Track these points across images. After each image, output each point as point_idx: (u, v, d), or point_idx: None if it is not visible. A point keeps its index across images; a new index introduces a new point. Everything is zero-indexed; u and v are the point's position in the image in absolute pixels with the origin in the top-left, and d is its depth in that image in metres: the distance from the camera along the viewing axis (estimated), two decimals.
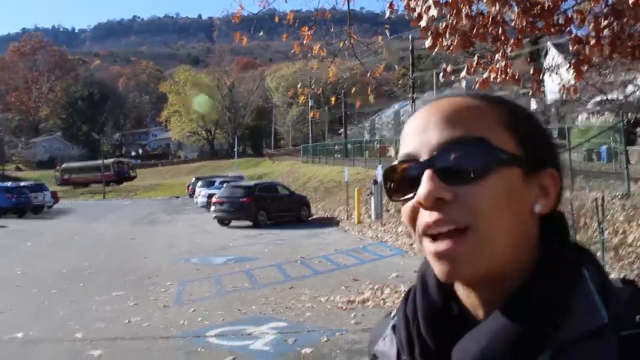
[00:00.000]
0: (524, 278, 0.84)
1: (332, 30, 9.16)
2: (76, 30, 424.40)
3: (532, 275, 0.84)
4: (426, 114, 0.90)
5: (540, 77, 9.64)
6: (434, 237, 0.83)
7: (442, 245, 0.82)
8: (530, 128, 0.91)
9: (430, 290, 0.92)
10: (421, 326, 0.90)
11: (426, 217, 0.83)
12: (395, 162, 0.91)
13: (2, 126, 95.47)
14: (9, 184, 40.79)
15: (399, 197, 0.89)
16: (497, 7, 5.58)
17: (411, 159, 0.88)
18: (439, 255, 0.82)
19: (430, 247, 0.84)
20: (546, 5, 5.56)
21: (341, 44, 9.04)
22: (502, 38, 5.86)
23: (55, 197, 44.83)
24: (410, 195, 0.86)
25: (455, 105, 0.89)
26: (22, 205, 36.14)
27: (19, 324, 9.02)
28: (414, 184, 0.85)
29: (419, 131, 0.89)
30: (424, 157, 0.86)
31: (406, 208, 0.88)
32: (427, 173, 0.83)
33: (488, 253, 0.82)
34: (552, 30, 5.75)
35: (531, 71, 7.29)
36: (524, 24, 5.69)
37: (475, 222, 0.81)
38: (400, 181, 0.89)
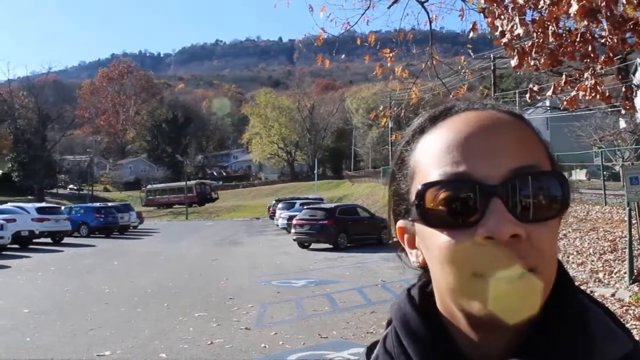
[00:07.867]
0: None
1: (413, 51, 9.09)
2: (161, 55, 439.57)
3: (542, 312, 0.75)
4: (490, 128, 0.76)
5: (634, 94, 9.29)
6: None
7: (518, 285, 0.70)
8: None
9: (415, 328, 0.83)
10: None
11: (495, 255, 0.70)
12: (436, 180, 0.75)
13: (92, 148, 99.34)
14: (97, 204, 42.24)
15: (442, 225, 0.74)
16: (586, 24, 5.39)
17: (467, 179, 0.73)
18: (510, 296, 0.70)
19: (493, 286, 0.70)
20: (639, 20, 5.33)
21: (423, 65, 8.96)
22: (592, 55, 5.65)
23: (140, 217, 46.17)
24: (462, 224, 0.73)
25: (519, 128, 0.78)
26: (110, 225, 37.37)
27: (107, 342, 9.23)
28: (468, 213, 0.72)
29: (481, 147, 0.74)
30: (491, 181, 0.72)
31: (457, 244, 0.73)
32: (498, 203, 0.71)
33: (545, 296, 0.73)
34: None
35: (623, 89, 7.02)
36: (615, 41, 5.47)
37: (542, 264, 0.71)
38: (443, 206, 0.74)
